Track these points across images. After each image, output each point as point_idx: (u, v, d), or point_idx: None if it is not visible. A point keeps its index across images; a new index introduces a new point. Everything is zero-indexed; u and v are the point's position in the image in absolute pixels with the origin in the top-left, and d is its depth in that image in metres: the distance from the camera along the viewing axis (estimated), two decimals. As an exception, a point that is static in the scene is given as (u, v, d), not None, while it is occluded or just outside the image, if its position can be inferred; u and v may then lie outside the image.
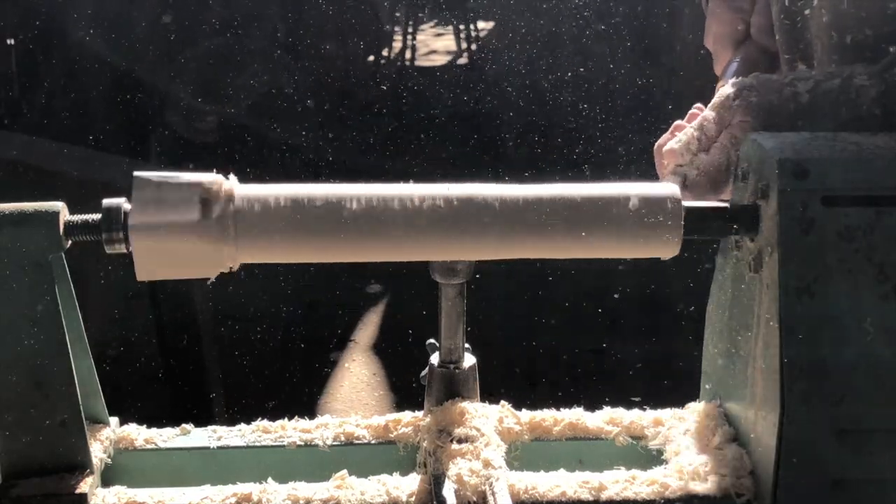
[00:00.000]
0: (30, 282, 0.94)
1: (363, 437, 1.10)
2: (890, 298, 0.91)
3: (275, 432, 1.11)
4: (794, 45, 1.18)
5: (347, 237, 0.94)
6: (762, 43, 1.29)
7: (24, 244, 0.93)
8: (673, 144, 1.11)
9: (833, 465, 0.92)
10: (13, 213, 0.94)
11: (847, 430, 0.92)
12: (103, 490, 1.01)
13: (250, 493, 1.00)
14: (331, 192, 0.95)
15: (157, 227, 0.92)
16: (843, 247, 0.91)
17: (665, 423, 1.10)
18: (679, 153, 1.10)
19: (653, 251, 0.97)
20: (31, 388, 0.97)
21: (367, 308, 4.29)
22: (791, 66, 1.19)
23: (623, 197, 0.96)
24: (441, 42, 8.57)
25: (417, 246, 0.96)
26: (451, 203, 0.95)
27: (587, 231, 0.96)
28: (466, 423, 1.03)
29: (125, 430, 1.11)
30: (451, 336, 1.06)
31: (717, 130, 1.08)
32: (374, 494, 1.00)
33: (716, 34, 1.34)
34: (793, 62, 1.19)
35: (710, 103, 1.11)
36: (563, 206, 0.96)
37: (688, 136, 1.10)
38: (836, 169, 0.91)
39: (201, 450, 1.09)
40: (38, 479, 0.98)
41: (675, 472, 1.01)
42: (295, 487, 1.01)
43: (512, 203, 0.96)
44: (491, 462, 0.98)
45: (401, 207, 0.95)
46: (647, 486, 1.00)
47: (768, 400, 0.94)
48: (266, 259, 0.96)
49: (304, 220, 0.94)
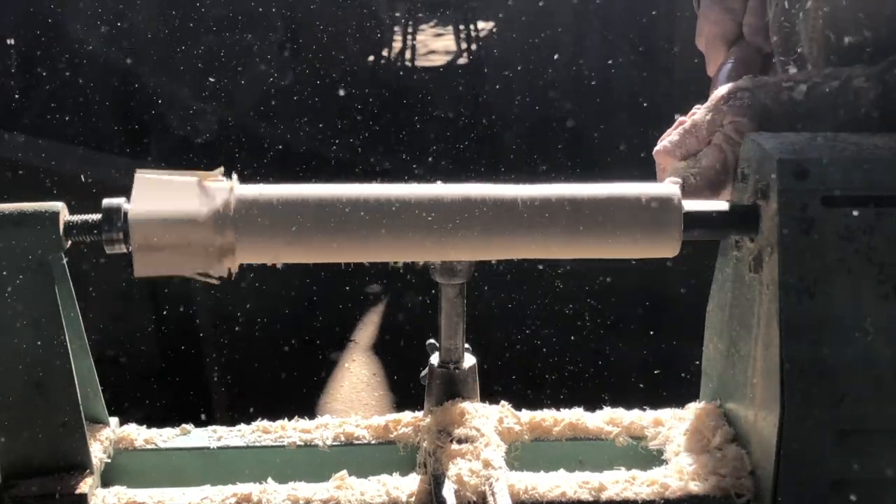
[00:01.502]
0: (30, 282, 0.94)
1: (363, 437, 1.10)
2: (890, 298, 0.91)
3: (275, 432, 1.11)
4: (790, 47, 1.18)
5: (347, 237, 0.94)
6: (755, 44, 1.29)
7: (24, 244, 0.93)
8: (664, 144, 1.11)
9: (833, 465, 0.92)
10: (13, 213, 0.94)
11: (847, 430, 0.92)
12: (103, 490, 1.01)
13: (250, 494, 1.00)
14: (330, 193, 0.95)
15: (156, 227, 0.92)
16: (843, 247, 0.91)
17: (665, 423, 1.10)
18: (669, 153, 1.10)
19: (653, 251, 0.97)
20: (31, 388, 0.97)
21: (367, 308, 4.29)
22: (785, 69, 1.19)
23: (623, 197, 0.97)
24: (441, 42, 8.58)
25: (417, 246, 0.96)
26: (451, 203, 0.95)
27: (587, 231, 0.96)
28: (466, 423, 1.03)
29: (125, 430, 1.11)
30: (451, 336, 1.06)
31: (709, 132, 1.08)
32: (374, 495, 1.00)
33: (708, 35, 1.33)
34: (787, 64, 1.19)
35: (704, 105, 1.11)
36: (562, 206, 0.96)
37: (678, 137, 1.10)
38: (836, 169, 0.91)
39: (201, 450, 1.09)
40: (38, 479, 0.98)
41: (675, 473, 1.01)
42: (295, 487, 1.01)
43: (511, 203, 0.96)
44: (491, 462, 0.98)
45: (400, 208, 0.95)
46: (647, 486, 1.00)
47: (768, 400, 0.94)
48: (266, 259, 0.96)
49: (303, 221, 0.94)
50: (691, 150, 1.09)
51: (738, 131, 1.04)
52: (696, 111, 1.11)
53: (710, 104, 1.09)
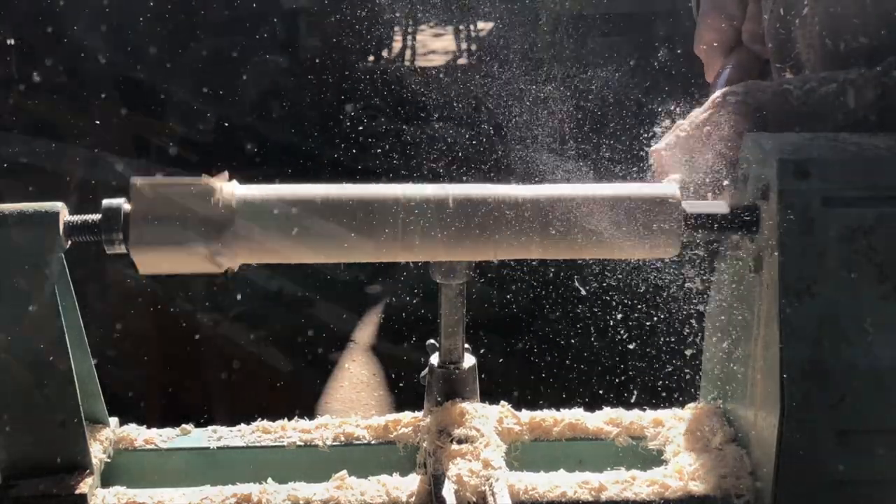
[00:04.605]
0: (30, 282, 0.94)
1: (363, 437, 1.10)
2: (890, 298, 0.91)
3: (275, 432, 1.11)
4: (786, 53, 1.18)
5: (347, 238, 0.95)
6: (754, 50, 1.30)
7: (24, 244, 0.93)
8: (662, 145, 1.12)
9: (833, 465, 0.92)
10: (13, 213, 0.94)
11: (847, 430, 0.92)
12: (103, 490, 1.01)
13: (250, 494, 1.00)
14: (330, 193, 0.96)
15: (157, 228, 0.92)
16: (843, 247, 0.91)
17: (665, 423, 1.10)
18: (668, 153, 1.10)
19: (653, 251, 0.98)
20: (31, 388, 0.97)
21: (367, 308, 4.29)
22: (782, 75, 1.20)
23: (623, 198, 0.97)
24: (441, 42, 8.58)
25: (417, 246, 0.96)
26: (450, 204, 0.95)
27: (587, 231, 0.96)
28: (466, 423, 1.03)
29: (125, 431, 1.11)
30: (451, 336, 1.06)
31: (707, 133, 1.09)
32: (374, 495, 1.00)
33: (707, 41, 1.34)
34: (783, 71, 1.19)
35: (702, 107, 1.12)
36: (563, 206, 0.96)
37: (677, 137, 1.10)
38: (836, 169, 0.91)
39: (201, 450, 1.09)
40: (38, 479, 0.98)
41: (675, 473, 1.01)
42: (295, 488, 1.01)
43: (511, 204, 0.96)
44: (491, 462, 0.98)
45: (399, 208, 0.95)
46: (647, 486, 1.00)
47: (768, 400, 0.94)
48: (266, 259, 0.96)
49: (303, 221, 0.94)
50: (689, 150, 1.10)
51: (735, 132, 1.05)
52: (694, 113, 1.12)
53: (707, 106, 1.10)
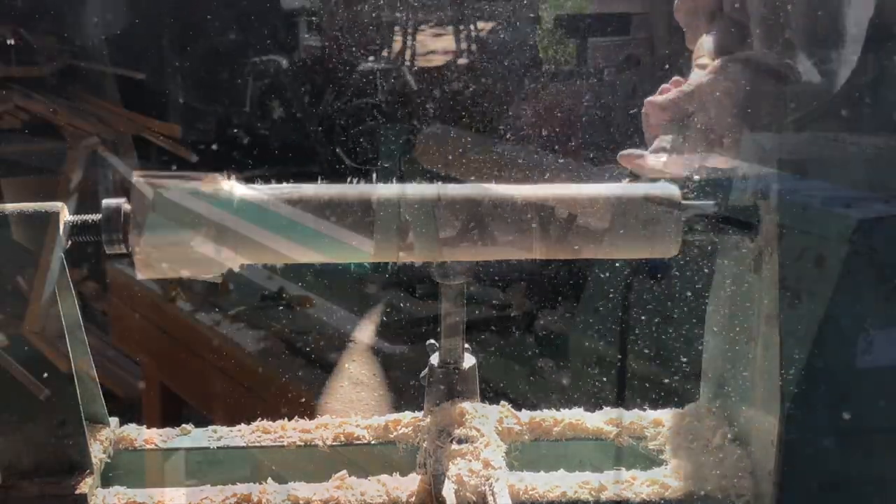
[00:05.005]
0: (30, 282, 0.94)
1: (363, 437, 1.10)
2: (890, 299, 0.91)
3: (275, 432, 1.11)
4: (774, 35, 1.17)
5: (347, 238, 0.94)
6: (734, 17, 1.29)
7: (25, 244, 0.93)
8: (660, 100, 1.11)
9: (833, 465, 0.92)
10: (13, 213, 0.94)
11: (847, 430, 0.92)
12: (103, 490, 1.01)
13: (250, 494, 1.00)
14: (329, 193, 0.95)
15: (158, 228, 0.92)
16: (843, 248, 0.91)
17: (665, 423, 1.10)
18: (663, 109, 1.10)
19: (653, 251, 0.98)
20: (31, 387, 0.96)
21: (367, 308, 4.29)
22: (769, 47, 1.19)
23: (623, 197, 0.97)
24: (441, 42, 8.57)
25: (417, 246, 0.96)
26: (451, 203, 0.95)
27: (587, 231, 0.96)
28: (466, 423, 1.03)
29: (125, 430, 1.11)
30: (451, 336, 1.06)
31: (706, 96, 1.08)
32: (374, 494, 1.00)
33: (688, 8, 1.33)
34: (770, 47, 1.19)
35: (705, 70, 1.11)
36: (563, 206, 0.96)
37: (676, 95, 1.10)
38: (836, 169, 0.91)
39: (201, 450, 1.09)
40: (38, 479, 0.98)
41: (675, 473, 1.01)
42: (295, 487, 1.01)
43: (511, 204, 0.96)
44: (491, 462, 0.98)
45: (399, 208, 0.95)
46: (647, 486, 1.00)
47: (768, 400, 0.94)
48: (266, 260, 0.96)
49: (303, 221, 0.94)
50: (685, 110, 1.09)
51: (732, 99, 1.05)
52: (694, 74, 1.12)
53: (710, 70, 1.09)
